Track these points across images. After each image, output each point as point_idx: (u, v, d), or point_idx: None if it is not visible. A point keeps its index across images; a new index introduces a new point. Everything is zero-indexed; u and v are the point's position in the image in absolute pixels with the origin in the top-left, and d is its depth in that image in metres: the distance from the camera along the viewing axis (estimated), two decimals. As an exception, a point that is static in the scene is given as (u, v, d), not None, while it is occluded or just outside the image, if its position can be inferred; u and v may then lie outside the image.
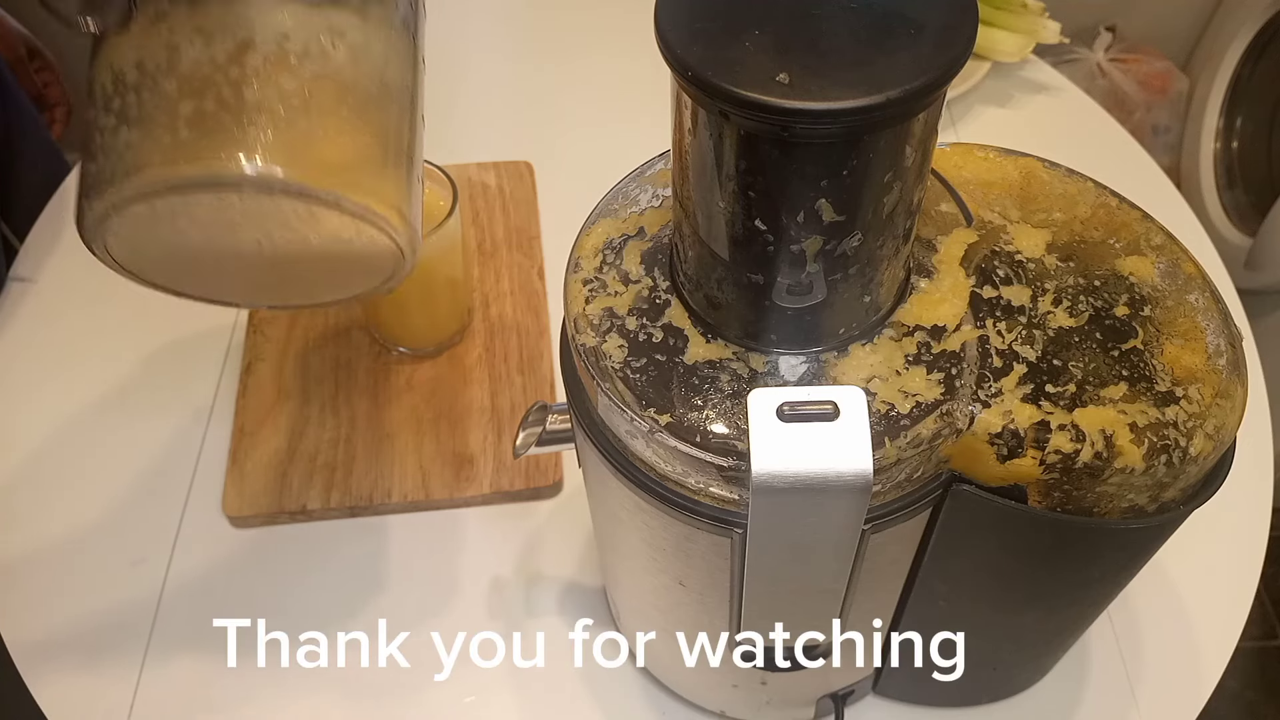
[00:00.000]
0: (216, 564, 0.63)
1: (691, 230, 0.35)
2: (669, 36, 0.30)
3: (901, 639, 0.49)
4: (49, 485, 0.67)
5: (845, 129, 0.29)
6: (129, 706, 0.58)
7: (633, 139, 0.64)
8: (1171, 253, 0.41)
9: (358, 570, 0.63)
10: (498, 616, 0.61)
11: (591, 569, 0.63)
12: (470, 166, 0.84)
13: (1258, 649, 1.35)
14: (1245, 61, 1.47)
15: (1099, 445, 0.35)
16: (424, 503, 0.65)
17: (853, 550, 0.37)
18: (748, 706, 0.55)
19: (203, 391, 0.71)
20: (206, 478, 0.67)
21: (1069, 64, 1.50)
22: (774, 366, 0.36)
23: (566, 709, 0.58)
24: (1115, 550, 0.42)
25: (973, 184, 0.43)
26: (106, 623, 0.61)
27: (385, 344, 0.72)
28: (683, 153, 0.34)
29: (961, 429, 0.36)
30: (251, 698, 0.58)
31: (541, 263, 0.78)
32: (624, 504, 0.41)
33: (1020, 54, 0.90)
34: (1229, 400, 0.37)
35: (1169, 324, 0.38)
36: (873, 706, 0.58)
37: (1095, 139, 0.90)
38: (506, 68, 0.96)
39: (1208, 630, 0.61)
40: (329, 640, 0.60)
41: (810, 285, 0.34)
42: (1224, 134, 1.51)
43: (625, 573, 0.49)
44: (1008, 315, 0.38)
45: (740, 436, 0.35)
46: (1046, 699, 0.58)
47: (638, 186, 0.43)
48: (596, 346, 0.38)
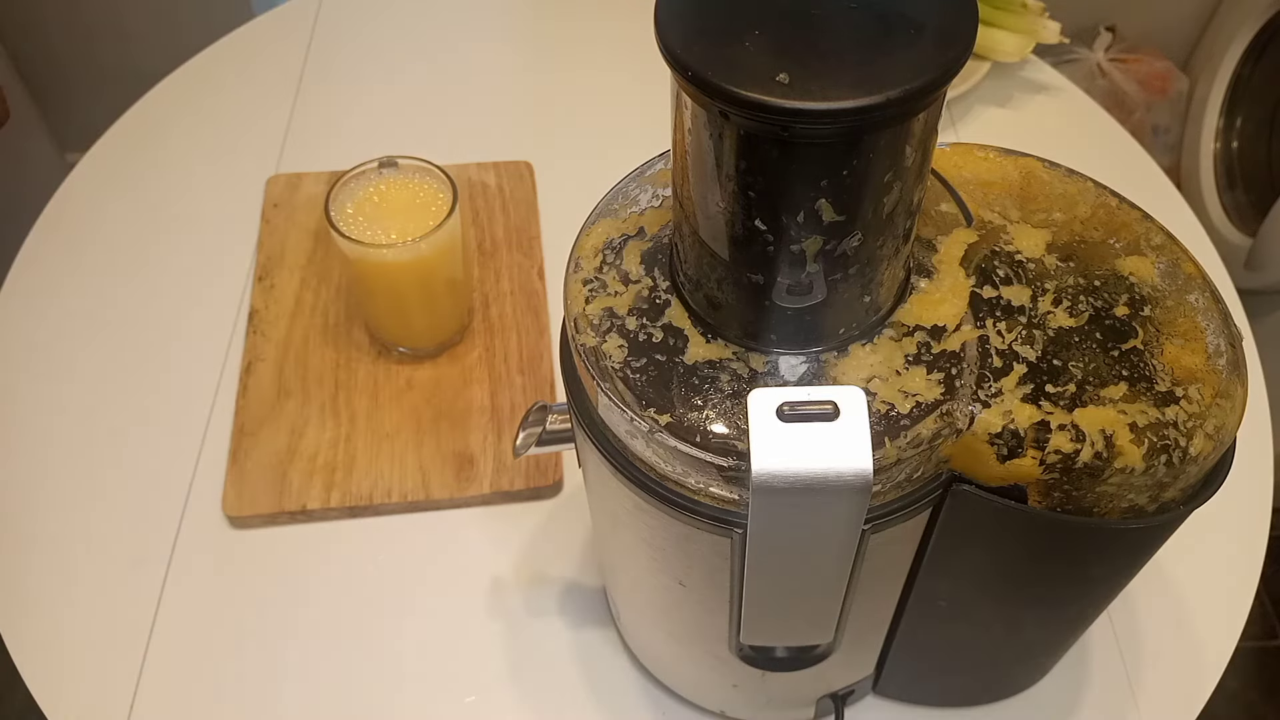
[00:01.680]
0: (216, 564, 0.63)
1: (691, 230, 0.35)
2: (669, 36, 0.30)
3: (901, 640, 0.49)
4: (49, 485, 0.67)
5: (845, 129, 0.29)
6: (129, 706, 0.58)
7: (633, 139, 0.64)
8: (1171, 253, 0.40)
9: (358, 570, 0.63)
10: (498, 616, 0.61)
11: (591, 569, 0.63)
12: (470, 166, 0.84)
13: (1258, 649, 1.35)
14: (1245, 61, 1.47)
15: (1099, 445, 0.35)
16: (424, 503, 0.65)
17: (853, 550, 0.37)
18: (748, 706, 0.55)
19: (203, 391, 0.71)
20: (206, 478, 0.67)
21: (1069, 64, 1.50)
22: (774, 366, 0.36)
23: (566, 709, 0.58)
24: (1115, 550, 0.42)
25: (973, 184, 0.43)
26: (106, 623, 0.61)
27: (385, 344, 0.72)
28: (683, 153, 0.34)
29: (961, 429, 0.36)
30: (251, 698, 0.58)
31: (541, 263, 0.78)
32: (624, 504, 0.41)
33: (1020, 54, 0.90)
34: (1229, 400, 0.37)
35: (1169, 324, 0.38)
36: (873, 706, 0.58)
37: (1095, 139, 0.90)
38: (506, 68, 0.96)
39: (1208, 630, 0.61)
40: (329, 640, 0.60)
41: (810, 285, 0.34)
42: (1224, 134, 1.51)
43: (625, 573, 0.49)
44: (1008, 315, 0.38)
45: (740, 436, 0.35)
46: (1046, 699, 0.58)
47: (638, 186, 0.42)
48: (596, 346, 0.38)
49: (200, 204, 0.84)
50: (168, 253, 0.80)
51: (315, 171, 0.84)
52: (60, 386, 0.72)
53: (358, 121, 0.90)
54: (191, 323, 0.75)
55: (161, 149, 0.88)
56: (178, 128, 0.90)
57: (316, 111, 0.91)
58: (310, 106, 0.92)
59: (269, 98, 0.92)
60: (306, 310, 0.74)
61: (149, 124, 0.91)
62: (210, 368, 0.72)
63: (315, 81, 0.94)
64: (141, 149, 0.88)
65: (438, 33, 0.99)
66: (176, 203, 0.84)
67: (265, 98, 0.92)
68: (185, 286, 0.78)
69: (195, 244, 0.81)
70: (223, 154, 0.88)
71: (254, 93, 0.93)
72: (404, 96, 0.93)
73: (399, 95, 0.93)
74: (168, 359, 0.73)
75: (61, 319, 0.76)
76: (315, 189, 0.82)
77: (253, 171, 0.85)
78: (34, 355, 0.74)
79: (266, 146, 0.88)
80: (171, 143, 0.89)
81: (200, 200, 0.84)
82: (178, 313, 0.76)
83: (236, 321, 0.75)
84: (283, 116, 0.91)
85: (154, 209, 0.84)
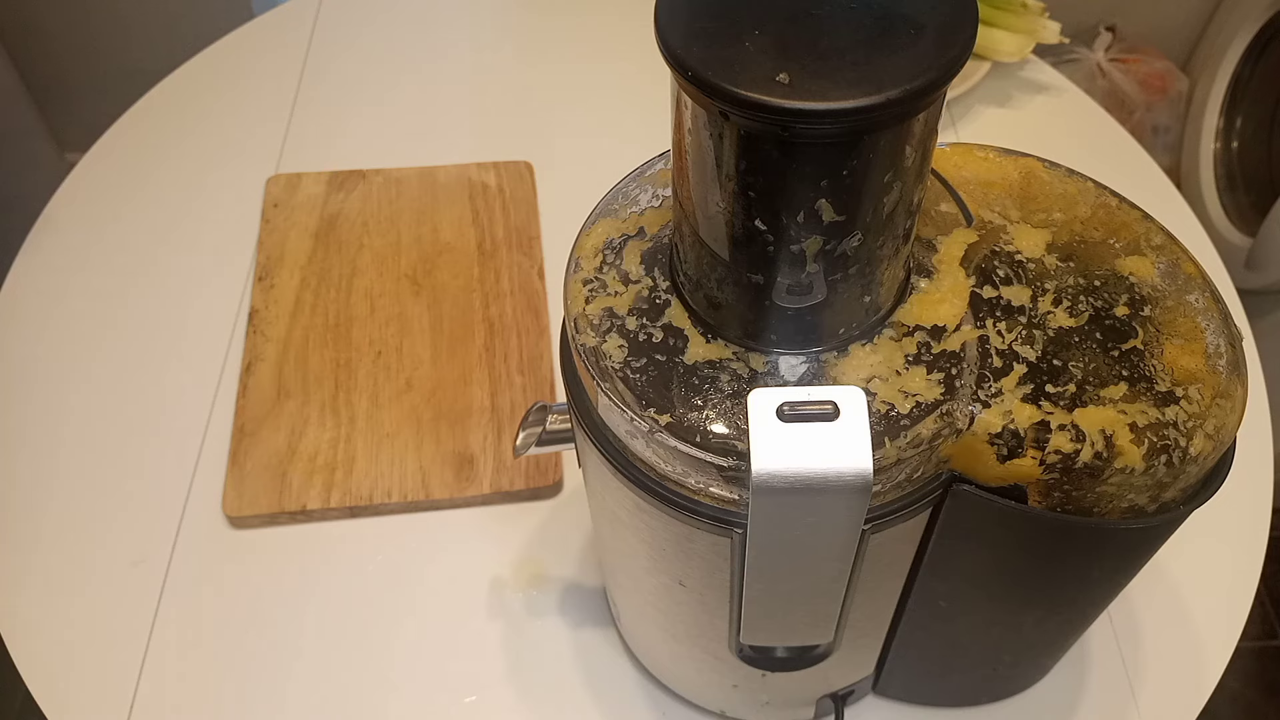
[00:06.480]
0: (216, 564, 0.63)
1: (691, 230, 0.35)
2: (669, 37, 0.30)
3: (901, 640, 0.49)
4: (49, 485, 0.67)
5: (845, 129, 0.29)
6: (129, 706, 0.58)
7: (633, 139, 0.64)
8: (1171, 253, 0.40)
9: (358, 570, 0.63)
10: (497, 616, 0.61)
11: (591, 569, 0.63)
12: (470, 166, 0.84)
13: (1258, 649, 1.35)
14: (1245, 61, 1.47)
15: (1099, 445, 0.35)
16: (424, 503, 0.65)
17: (853, 550, 0.37)
18: (748, 706, 0.55)
19: (203, 391, 0.71)
20: (206, 478, 0.67)
21: (1069, 64, 1.50)
22: (774, 366, 0.36)
23: (566, 709, 0.58)
24: (1115, 550, 0.42)
25: (973, 184, 0.43)
26: (106, 623, 0.61)
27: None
28: (683, 153, 0.34)
29: (961, 429, 0.36)
30: (251, 698, 0.58)
31: (541, 263, 0.78)
32: (624, 504, 0.41)
33: (1020, 54, 0.90)
34: (1229, 400, 0.37)
35: (1169, 324, 0.38)
36: (873, 706, 0.58)
37: (1095, 139, 0.90)
38: (507, 68, 0.96)
39: (1208, 630, 0.61)
40: (328, 640, 0.60)
41: (810, 285, 0.34)
42: (1224, 134, 1.51)
43: (625, 573, 0.49)
44: (1008, 315, 0.38)
45: (740, 436, 0.35)
46: (1046, 699, 0.58)
47: (638, 186, 0.42)
48: (596, 346, 0.38)
49: (200, 204, 0.84)
50: (168, 253, 0.80)
51: (315, 171, 0.84)
52: (60, 387, 0.72)
53: (358, 121, 0.90)
54: (191, 323, 0.75)
55: (161, 149, 0.88)
56: (178, 128, 0.90)
57: (316, 111, 0.91)
58: (310, 106, 0.92)
59: (269, 98, 0.92)
60: (306, 310, 0.74)
61: (149, 124, 0.91)
62: (210, 368, 0.72)
63: (315, 81, 0.94)
64: (141, 149, 0.88)
65: (438, 33, 0.99)
66: (176, 203, 0.84)
67: (265, 98, 0.92)
68: (185, 286, 0.78)
69: (195, 244, 0.81)
70: (223, 154, 0.88)
71: (254, 93, 0.93)
72: (404, 96, 0.93)
73: (399, 95, 0.93)
74: (168, 359, 0.73)
75: (61, 319, 0.76)
76: (315, 189, 0.82)
77: (253, 171, 0.85)
78: (34, 355, 0.74)
79: (266, 146, 0.88)
80: (171, 143, 0.89)
81: (200, 200, 0.84)
82: (178, 313, 0.76)
83: (236, 321, 0.75)
84: (283, 116, 0.91)
85: (154, 209, 0.84)
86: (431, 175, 0.84)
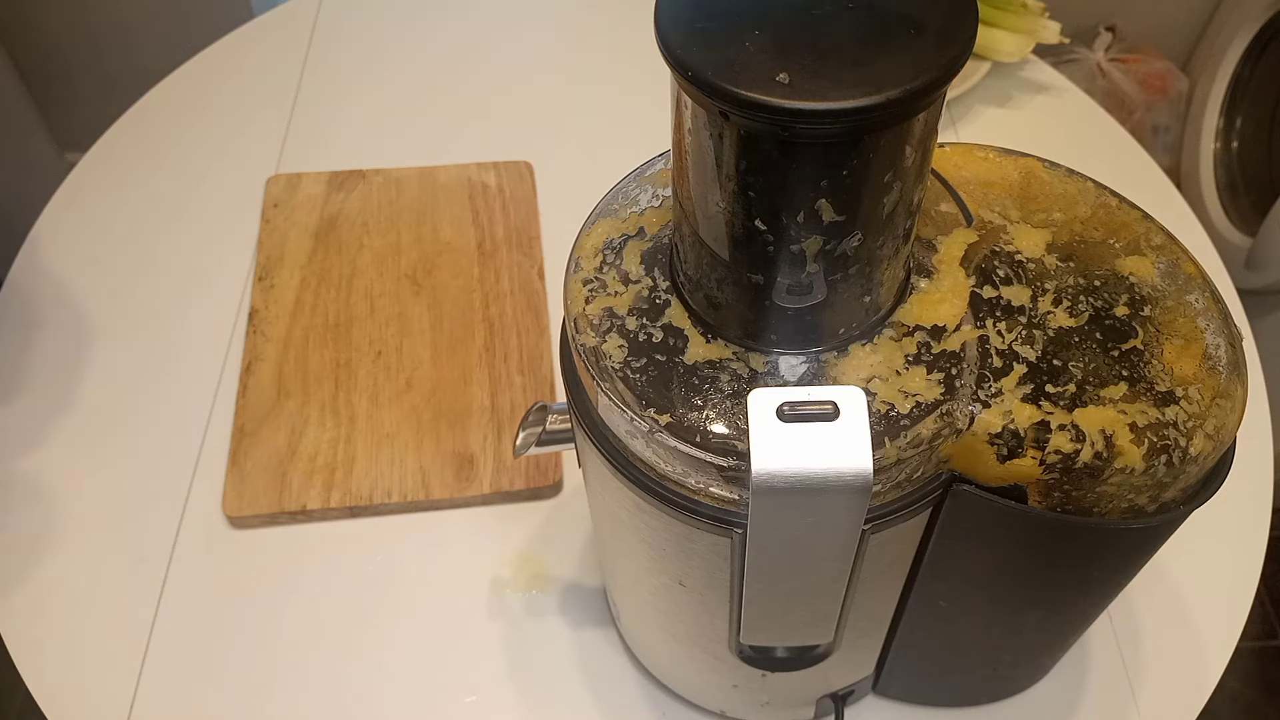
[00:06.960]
0: (216, 564, 0.63)
1: (691, 230, 0.35)
2: (669, 36, 0.30)
3: (901, 640, 0.49)
4: (49, 485, 0.67)
5: (845, 129, 0.29)
6: (129, 706, 0.58)
7: (633, 139, 0.64)
8: (1171, 253, 0.40)
9: (358, 570, 0.63)
10: (497, 616, 0.61)
11: (591, 569, 0.63)
12: (470, 166, 0.84)
13: (1258, 649, 1.35)
14: (1245, 61, 1.47)
15: (1099, 445, 0.35)
16: (424, 503, 0.65)
17: (853, 550, 0.37)
18: (748, 706, 0.55)
19: (203, 391, 0.71)
20: (206, 478, 0.67)
21: (1069, 64, 1.50)
22: (774, 366, 0.36)
23: (566, 709, 0.58)
24: (1115, 550, 0.42)
25: (973, 184, 0.43)
26: (106, 623, 0.61)
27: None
28: (683, 153, 0.34)
29: (961, 429, 0.36)
30: (251, 698, 0.58)
31: (541, 263, 0.78)
32: (624, 504, 0.41)
33: (1020, 54, 0.90)
34: (1229, 400, 0.37)
35: (1169, 324, 0.38)
36: (873, 706, 0.58)
37: (1095, 139, 0.90)
38: (506, 67, 0.96)
39: (1208, 630, 0.61)
40: (328, 640, 0.60)
41: (810, 285, 0.34)
42: (1224, 134, 1.51)
43: (625, 573, 0.49)
44: (1008, 315, 0.38)
45: (740, 436, 0.35)
46: (1046, 699, 0.58)
47: (638, 186, 0.42)
48: (596, 346, 0.38)
49: (200, 204, 0.84)
50: (168, 253, 0.80)
51: (315, 171, 0.84)
52: (60, 386, 0.72)
53: (358, 121, 0.90)
54: (191, 322, 0.75)
55: (161, 149, 0.88)
56: (178, 128, 0.90)
57: (316, 111, 0.91)
58: (310, 106, 0.92)
59: (269, 98, 0.92)
60: (306, 310, 0.74)
61: (149, 124, 0.91)
62: (210, 368, 0.72)
63: (315, 81, 0.94)
64: (141, 149, 0.88)
65: (438, 32, 0.99)
66: (176, 202, 0.84)
67: (265, 98, 0.92)
68: (185, 286, 0.78)
69: (195, 244, 0.81)
70: (223, 154, 0.88)
71: (254, 93, 0.93)
72: (404, 96, 0.93)
73: (399, 95, 0.93)
74: (167, 358, 0.73)
75: (61, 319, 0.76)
76: (315, 189, 0.82)
77: (253, 171, 0.85)
78: (34, 355, 0.74)
79: (266, 146, 0.88)
80: (171, 143, 0.89)
81: (200, 200, 0.84)
82: (178, 312, 0.76)
83: (236, 321, 0.75)
84: (283, 116, 0.91)
85: (154, 209, 0.84)
86: (431, 175, 0.84)
